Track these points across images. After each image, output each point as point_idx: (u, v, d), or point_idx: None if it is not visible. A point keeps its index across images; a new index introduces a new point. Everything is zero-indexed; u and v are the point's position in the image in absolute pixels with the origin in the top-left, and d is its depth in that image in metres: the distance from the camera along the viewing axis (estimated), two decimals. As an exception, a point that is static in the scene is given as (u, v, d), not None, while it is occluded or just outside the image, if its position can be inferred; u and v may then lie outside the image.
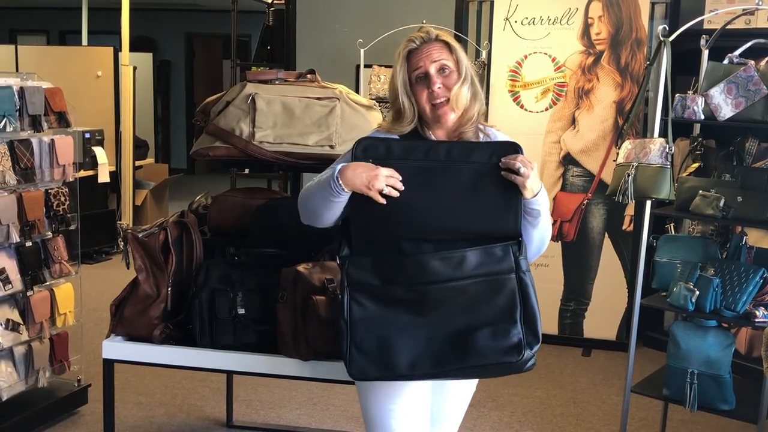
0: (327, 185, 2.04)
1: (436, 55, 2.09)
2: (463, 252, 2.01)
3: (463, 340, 1.99)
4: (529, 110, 4.94)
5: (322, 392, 4.09)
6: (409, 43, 2.12)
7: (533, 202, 2.03)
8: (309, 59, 5.94)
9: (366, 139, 2.11)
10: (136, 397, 4.04)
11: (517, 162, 1.99)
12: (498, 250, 2.03)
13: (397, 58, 2.13)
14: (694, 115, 3.14)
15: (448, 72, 2.10)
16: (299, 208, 2.18)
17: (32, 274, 3.45)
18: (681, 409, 3.26)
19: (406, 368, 1.99)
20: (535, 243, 2.13)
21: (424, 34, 2.13)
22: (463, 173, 2.03)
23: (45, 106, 3.53)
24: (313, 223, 2.16)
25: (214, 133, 2.84)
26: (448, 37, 2.14)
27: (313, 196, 2.10)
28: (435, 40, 2.12)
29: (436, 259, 2.00)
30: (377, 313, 2.02)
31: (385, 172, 1.99)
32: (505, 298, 2.02)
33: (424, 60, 2.09)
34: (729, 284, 3.03)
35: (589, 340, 4.98)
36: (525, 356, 2.00)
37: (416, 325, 2.00)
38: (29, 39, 12.17)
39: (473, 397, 2.40)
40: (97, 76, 7.42)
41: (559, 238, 4.95)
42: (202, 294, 2.58)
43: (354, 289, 2.04)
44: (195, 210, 3.05)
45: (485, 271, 2.02)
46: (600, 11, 4.78)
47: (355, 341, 2.02)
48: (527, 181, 1.99)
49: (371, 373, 2.03)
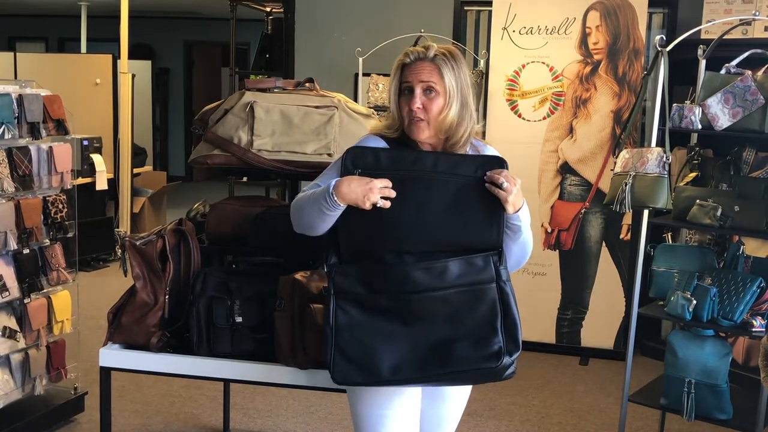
0: (322, 200, 2.06)
1: (425, 75, 2.10)
2: (445, 262, 2.04)
3: (444, 348, 2.03)
4: (527, 119, 4.95)
5: (320, 401, 4.09)
6: (404, 57, 2.14)
7: (515, 217, 2.07)
8: (307, 67, 5.95)
9: (354, 149, 2.15)
10: (133, 405, 4.03)
11: (501, 177, 2.02)
12: (479, 261, 2.06)
13: (395, 67, 2.16)
14: (691, 124, 3.14)
15: (433, 94, 2.10)
16: (292, 219, 2.21)
17: (29, 282, 3.45)
18: (678, 419, 3.26)
19: (388, 373, 2.03)
20: (515, 256, 2.17)
21: (422, 50, 2.13)
22: (449, 186, 2.06)
23: (43, 114, 3.53)
24: (306, 232, 2.19)
25: (212, 140, 2.85)
26: (446, 57, 2.12)
27: (308, 210, 2.12)
28: (429, 60, 2.11)
29: (418, 269, 2.04)
30: (362, 321, 2.06)
31: (379, 184, 2.02)
32: (486, 308, 2.06)
33: (413, 77, 2.11)
34: (726, 293, 3.04)
35: (587, 349, 4.98)
36: (504, 362, 2.04)
37: (400, 334, 2.04)
38: (28, 46, 12.20)
39: (470, 406, 2.39)
40: (95, 84, 7.43)
41: (557, 247, 4.96)
42: (200, 302, 2.58)
43: (340, 296, 2.08)
44: (193, 218, 3.05)
45: (467, 280, 2.05)
46: (598, 21, 4.79)
47: (339, 346, 2.06)
48: (509, 197, 2.02)
49: (354, 378, 2.07)
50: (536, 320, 4.94)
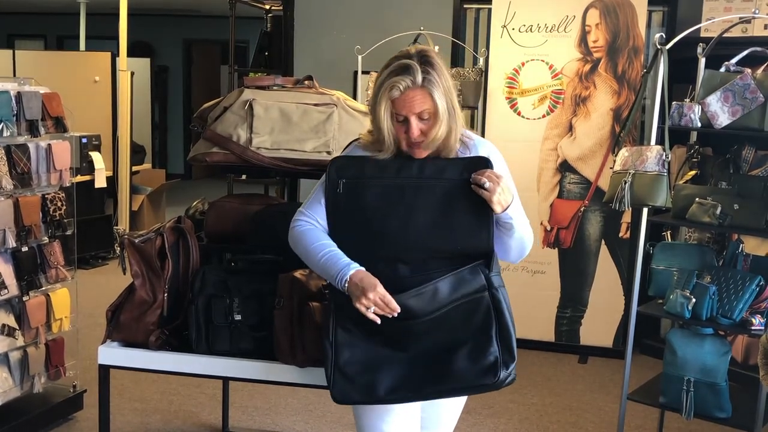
0: (333, 276, 2.06)
1: (418, 106, 2.02)
2: (434, 284, 2.03)
3: (441, 363, 2.04)
4: (527, 117, 4.94)
5: (318, 399, 4.08)
6: (392, 90, 2.02)
7: (505, 216, 2.05)
8: (307, 65, 5.94)
9: (340, 158, 2.15)
10: (132, 403, 4.03)
11: (484, 177, 2.00)
12: (467, 274, 2.05)
13: (381, 92, 2.05)
14: (690, 122, 3.14)
15: (428, 118, 2.05)
16: (290, 242, 2.20)
17: (28, 279, 3.45)
18: (677, 417, 3.26)
19: (386, 393, 2.05)
20: (514, 251, 2.15)
21: (409, 80, 2.01)
22: (437, 191, 2.05)
23: (42, 111, 3.53)
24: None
25: (211, 138, 2.84)
26: (430, 82, 2.01)
27: (312, 263, 2.14)
28: (419, 88, 2.01)
29: (410, 297, 2.02)
30: (361, 340, 2.08)
31: (380, 300, 1.99)
32: (480, 316, 2.06)
33: (407, 109, 2.03)
34: (725, 292, 3.04)
35: (586, 348, 4.98)
36: (501, 377, 2.04)
37: (398, 355, 2.06)
38: (27, 44, 12.19)
39: (469, 404, 2.40)
40: (94, 81, 7.42)
41: (556, 245, 4.95)
42: (199, 300, 2.57)
43: (340, 314, 2.09)
44: (192, 216, 3.04)
45: (459, 294, 2.05)
46: (597, 19, 4.79)
47: (339, 365, 2.07)
48: (494, 196, 2.00)
49: (353, 397, 2.09)
50: (535, 318, 4.94)
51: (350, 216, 2.10)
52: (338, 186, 2.10)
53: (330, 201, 2.13)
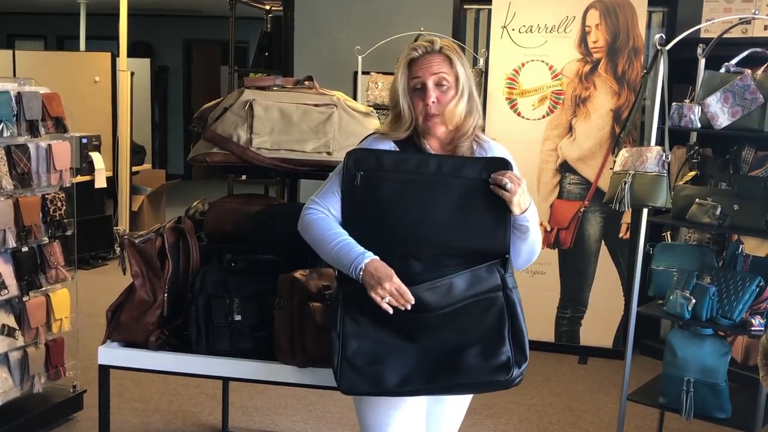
0: (346, 265, 2.04)
1: (436, 67, 2.09)
2: (450, 278, 2.03)
3: (453, 358, 2.02)
4: (527, 118, 4.94)
5: (318, 399, 4.09)
6: (411, 52, 2.12)
7: (522, 218, 2.05)
8: (307, 66, 5.94)
9: (357, 150, 2.14)
10: (132, 403, 4.03)
11: (505, 178, 2.01)
12: (483, 271, 2.05)
13: (400, 64, 2.13)
14: (690, 123, 3.14)
15: (446, 87, 2.09)
16: (300, 230, 2.19)
17: (28, 280, 3.45)
18: (677, 418, 3.26)
19: (396, 385, 2.02)
20: (524, 255, 2.15)
21: (428, 44, 2.12)
22: (454, 188, 2.05)
23: (42, 112, 3.53)
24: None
25: (211, 139, 2.84)
26: (452, 50, 2.13)
27: (324, 251, 2.11)
28: (437, 52, 2.10)
29: (424, 290, 2.01)
30: (370, 330, 2.06)
31: (395, 290, 1.98)
32: (493, 316, 2.05)
33: (423, 71, 2.09)
34: (725, 292, 3.04)
35: (586, 348, 4.98)
36: (513, 375, 2.03)
37: (409, 347, 2.04)
38: (27, 44, 12.19)
39: (469, 405, 2.39)
40: (94, 82, 7.42)
41: (556, 246, 4.96)
42: (199, 300, 2.57)
43: (349, 304, 2.07)
44: (192, 216, 3.04)
45: (474, 291, 2.04)
46: (597, 19, 4.79)
47: (346, 356, 2.05)
48: (514, 197, 2.00)
49: (361, 388, 2.06)
50: (535, 319, 4.91)
51: (366, 209, 2.09)
52: (356, 178, 2.09)
53: (346, 193, 2.11)
